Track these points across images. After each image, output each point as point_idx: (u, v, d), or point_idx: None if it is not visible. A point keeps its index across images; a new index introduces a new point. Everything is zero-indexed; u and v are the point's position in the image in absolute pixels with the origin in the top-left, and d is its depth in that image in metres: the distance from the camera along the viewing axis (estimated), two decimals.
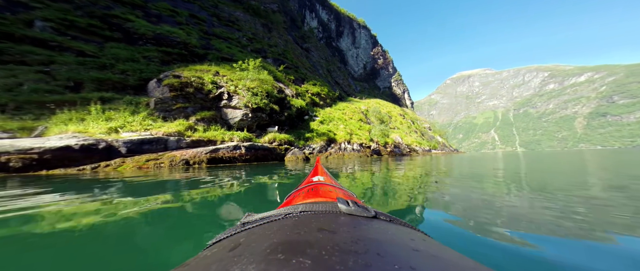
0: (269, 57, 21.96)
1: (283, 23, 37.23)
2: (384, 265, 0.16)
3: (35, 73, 6.55)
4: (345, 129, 16.52)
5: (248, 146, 7.64)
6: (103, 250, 0.99)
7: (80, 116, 5.61)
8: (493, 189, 2.23)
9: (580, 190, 2.08)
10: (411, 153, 21.55)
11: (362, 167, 5.40)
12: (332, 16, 62.57)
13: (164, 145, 5.83)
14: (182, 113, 7.95)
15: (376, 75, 73.49)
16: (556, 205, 1.56)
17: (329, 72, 43.73)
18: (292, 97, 15.61)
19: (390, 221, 0.29)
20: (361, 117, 21.99)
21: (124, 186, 2.69)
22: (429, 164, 6.03)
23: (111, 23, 10.77)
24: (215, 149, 6.33)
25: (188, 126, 7.28)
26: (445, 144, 43.89)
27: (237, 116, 9.61)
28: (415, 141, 26.24)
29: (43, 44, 7.62)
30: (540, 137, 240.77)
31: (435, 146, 32.39)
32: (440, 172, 3.92)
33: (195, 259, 0.22)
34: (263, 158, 8.22)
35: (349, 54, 66.44)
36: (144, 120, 6.42)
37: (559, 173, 3.46)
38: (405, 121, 36.16)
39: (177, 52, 12.08)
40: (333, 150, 13.26)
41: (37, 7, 8.62)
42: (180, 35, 13.30)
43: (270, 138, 10.10)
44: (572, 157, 9.53)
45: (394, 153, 18.42)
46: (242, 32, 23.61)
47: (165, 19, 14.73)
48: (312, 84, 22.69)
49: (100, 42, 9.58)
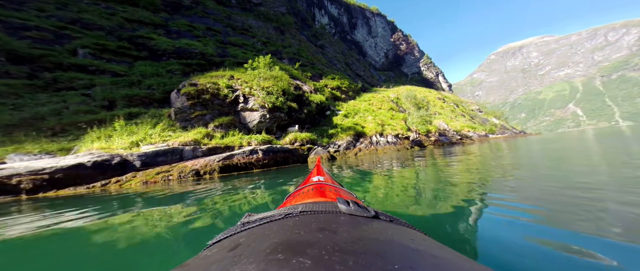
0: (284, 58, 21.93)
1: (294, 24, 37.58)
2: (384, 265, 0.16)
3: (80, 96, 7.35)
4: (375, 121, 14.70)
5: (266, 150, 6.97)
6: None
7: (108, 132, 5.85)
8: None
9: None
10: (463, 140, 17.95)
11: (406, 163, 4.28)
12: (342, 10, 60.71)
13: (179, 156, 5.56)
14: (200, 121, 7.90)
15: (401, 62, 67.69)
16: None
17: (348, 66, 41.93)
18: (311, 93, 14.78)
19: (391, 221, 0.29)
20: (392, 106, 19.60)
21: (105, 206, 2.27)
22: (509, 154, 4.19)
23: (137, 43, 12.04)
24: (229, 156, 5.80)
25: (205, 133, 7.07)
26: (505, 126, 36.19)
27: (255, 119, 9.21)
28: (466, 126, 22.04)
29: (84, 70, 8.70)
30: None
31: (492, 130, 26.75)
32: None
33: (195, 259, 0.22)
34: (283, 161, 7.44)
35: (366, 44, 63.10)
36: (163, 131, 6.41)
37: None
38: (447, 104, 31.27)
39: (196, 62, 12.73)
40: (363, 145, 11.71)
41: (78, 37, 10.05)
42: (197, 47, 14.13)
43: (291, 139, 9.36)
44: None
45: (439, 141, 15.54)
46: (257, 38, 24.41)
47: (184, 34, 16.03)
48: (331, 78, 21.54)
49: (130, 62, 10.67)
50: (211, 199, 2.19)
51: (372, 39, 65.11)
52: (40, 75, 7.65)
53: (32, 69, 7.74)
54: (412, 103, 18.84)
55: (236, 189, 2.66)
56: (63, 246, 1.26)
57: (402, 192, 1.97)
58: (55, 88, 7.41)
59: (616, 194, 1.33)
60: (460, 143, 16.25)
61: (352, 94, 21.92)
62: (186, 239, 1.11)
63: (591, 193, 1.38)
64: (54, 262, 1.03)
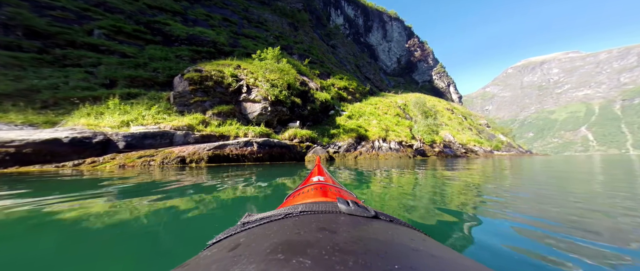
0: (294, 53, 21.42)
1: (309, 21, 36.92)
2: (384, 265, 0.16)
3: (83, 73, 7.14)
4: (379, 125, 13.99)
5: (262, 143, 6.52)
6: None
7: (101, 110, 5.57)
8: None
9: None
10: (468, 153, 16.92)
11: (409, 172, 3.97)
12: (359, 11, 59.27)
13: (169, 140, 5.19)
14: (199, 107, 7.56)
15: (413, 68, 65.66)
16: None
17: (358, 68, 40.93)
18: (317, 91, 14.22)
19: (391, 221, 0.29)
20: (398, 112, 18.75)
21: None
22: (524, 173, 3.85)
23: (153, 28, 11.86)
24: (222, 146, 5.38)
25: (201, 120, 6.71)
26: (511, 144, 34.30)
27: (256, 110, 8.79)
28: (472, 140, 20.85)
29: (95, 49, 8.54)
30: None
31: (498, 147, 25.31)
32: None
33: (195, 259, 0.22)
34: (279, 156, 6.98)
35: (380, 48, 61.48)
36: (158, 114, 6.09)
37: None
38: (455, 116, 29.90)
39: (206, 50, 12.44)
40: (364, 149, 11.10)
41: (98, 18, 9.93)
42: (210, 35, 13.84)
43: (290, 134, 8.89)
44: None
45: (443, 153, 14.65)
46: (270, 31, 24.00)
47: (200, 23, 15.79)
48: (339, 78, 20.85)
49: (141, 45, 10.47)
50: (179, 196, 1.81)
51: (387, 43, 63.40)
52: (51, 51, 7.53)
53: (44, 45, 7.63)
54: (420, 110, 17.90)
55: (219, 186, 2.24)
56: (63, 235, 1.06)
57: (402, 197, 1.92)
58: (62, 64, 7.25)
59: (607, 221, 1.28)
60: (465, 156, 15.28)
61: (359, 96, 21.17)
62: (186, 239, 1.03)
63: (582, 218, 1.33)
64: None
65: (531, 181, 2.79)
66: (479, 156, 16.04)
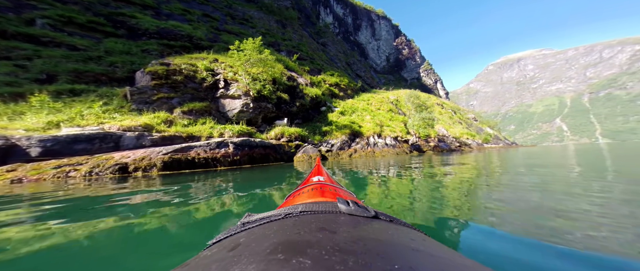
0: (283, 50, 20.29)
1: (297, 19, 35.86)
2: (384, 265, 0.16)
3: (10, 67, 5.71)
4: (373, 121, 13.26)
5: (240, 143, 5.46)
6: None
7: (21, 109, 4.26)
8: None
9: None
10: (461, 147, 16.67)
11: (410, 170, 3.46)
12: (348, 10, 59.12)
13: (114, 143, 4.02)
14: (165, 104, 6.35)
15: (401, 66, 66.47)
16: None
17: (349, 65, 40.46)
18: (307, 86, 13.27)
19: (391, 221, 0.29)
20: (391, 107, 18.19)
21: None
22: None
23: (116, 20, 10.35)
24: (185, 149, 4.28)
25: (165, 119, 5.54)
26: (498, 136, 35.20)
27: (235, 107, 7.69)
28: (465, 133, 20.78)
29: (34, 40, 7.03)
30: (636, 124, 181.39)
31: (487, 140, 25.61)
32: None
33: (195, 259, 0.21)
34: (262, 158, 5.95)
35: (369, 46, 61.69)
36: (105, 112, 4.83)
37: None
38: (445, 111, 30.09)
39: (180, 44, 11.07)
40: (359, 146, 10.28)
41: (43, 8, 8.36)
42: (185, 29, 12.46)
43: (277, 133, 7.86)
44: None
45: (439, 148, 14.20)
46: (256, 28, 22.65)
47: (176, 17, 14.30)
48: (330, 75, 20.01)
49: (98, 38, 8.98)
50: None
51: (375, 42, 63.74)
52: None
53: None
54: (414, 104, 17.43)
55: (148, 208, 1.49)
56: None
57: (405, 198, 1.76)
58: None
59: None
60: (459, 150, 14.93)
61: (351, 92, 20.46)
62: (186, 239, 0.99)
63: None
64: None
65: (543, 177, 2.47)
66: (473, 150, 15.79)
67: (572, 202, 1.40)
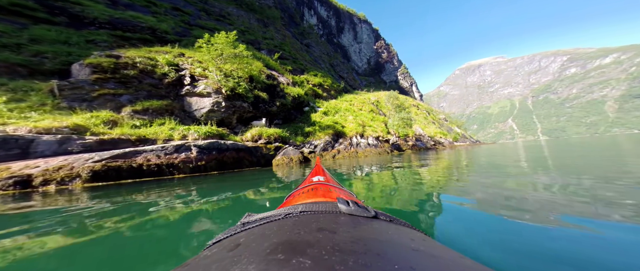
0: (263, 49, 19.27)
1: (280, 19, 34.81)
2: (384, 265, 0.16)
3: None
4: (356, 121, 13.20)
5: (206, 146, 4.68)
6: None
7: None
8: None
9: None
10: (436, 145, 17.67)
11: (396, 171, 3.41)
12: (332, 12, 59.82)
13: (21, 150, 2.99)
14: (110, 102, 5.20)
15: (381, 69, 69.44)
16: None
17: (332, 67, 40.65)
18: (288, 86, 12.65)
19: (391, 221, 0.28)
20: (372, 108, 18.51)
21: None
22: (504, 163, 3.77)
23: (54, 6, 8.48)
24: (128, 154, 3.41)
25: (106, 119, 4.48)
26: (464, 135, 38.74)
27: (204, 106, 6.76)
28: (438, 132, 22.17)
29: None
30: (565, 123, 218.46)
31: (456, 138, 27.91)
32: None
33: (196, 259, 0.21)
34: (235, 163, 5.22)
35: (352, 49, 63.18)
36: (13, 110, 3.66)
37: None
38: (420, 111, 31.94)
39: (139, 37, 9.53)
40: (342, 146, 10.02)
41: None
42: (147, 21, 10.86)
43: (254, 134, 7.13)
44: (620, 145, 6.96)
45: (416, 146, 14.77)
46: (234, 25, 21.06)
47: (137, 8, 12.43)
48: (313, 75, 19.64)
49: (25, 23, 7.20)
50: None
51: (357, 45, 65.50)
52: None
53: None
54: (393, 104, 17.95)
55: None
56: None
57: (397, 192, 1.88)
58: None
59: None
60: (434, 148, 15.76)
61: (334, 93, 20.35)
62: (186, 239, 0.99)
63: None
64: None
65: (508, 170, 2.84)
66: (446, 148, 16.84)
67: (522, 187, 1.78)
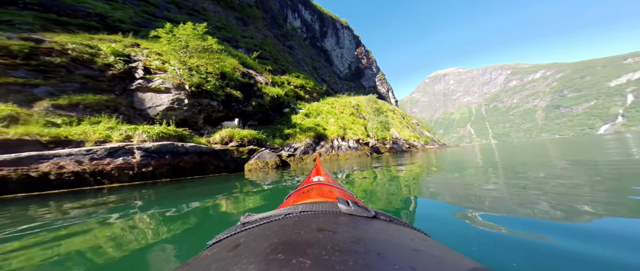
0: (241, 47, 18.03)
1: (262, 19, 33.53)
2: (384, 265, 0.16)
3: None
4: (337, 123, 13.06)
5: (155, 149, 3.80)
6: None
7: None
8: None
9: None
10: (411, 148, 18.69)
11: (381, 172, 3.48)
12: (316, 16, 60.41)
13: None
14: (15, 94, 3.91)
15: (361, 74, 72.33)
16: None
17: (315, 70, 40.66)
18: (267, 85, 11.90)
19: (390, 221, 0.28)
20: (353, 111, 18.77)
21: None
22: (468, 163, 4.13)
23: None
24: (23, 160, 2.45)
25: (5, 114, 3.29)
26: (433, 139, 42.44)
27: (161, 103, 5.70)
28: (412, 136, 23.61)
29: None
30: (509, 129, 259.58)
31: (426, 141, 30.23)
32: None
33: (196, 259, 0.21)
34: (196, 168, 4.40)
35: (334, 54, 64.54)
36: None
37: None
38: (396, 116, 33.90)
39: (81, 23, 7.73)
40: (323, 149, 9.68)
41: None
42: (97, 7, 9.01)
43: (224, 136, 6.28)
44: (549, 146, 8.57)
45: (393, 149, 15.33)
46: (209, 21, 19.19)
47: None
48: (295, 76, 19.12)
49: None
50: None
51: (340, 50, 67.11)
52: None
53: None
54: (373, 108, 18.46)
55: None
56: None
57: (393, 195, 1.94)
58: None
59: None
60: (409, 151, 16.58)
61: (317, 95, 20.10)
62: (186, 239, 1.00)
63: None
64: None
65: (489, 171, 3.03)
66: (419, 150, 17.88)
67: (480, 183, 2.02)
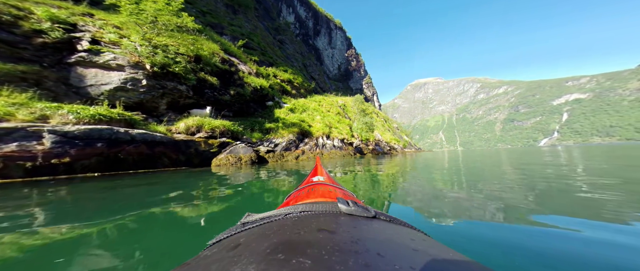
0: (226, 34, 16.45)
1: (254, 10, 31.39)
2: (384, 265, 0.15)
3: None
4: (323, 121, 12.65)
5: (80, 135, 2.92)
6: None
7: None
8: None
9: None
10: (391, 151, 19.23)
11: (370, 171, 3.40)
12: (310, 14, 58.88)
13: None
14: None
15: (349, 76, 73.01)
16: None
17: (305, 67, 39.68)
18: (250, 75, 10.93)
19: (390, 221, 0.28)
20: (339, 111, 18.57)
21: None
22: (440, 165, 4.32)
23: None
24: None
25: None
26: (411, 143, 44.91)
27: (109, 81, 4.60)
28: (393, 139, 24.41)
29: None
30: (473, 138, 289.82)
31: (405, 145, 31.73)
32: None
33: (196, 259, 0.21)
34: (142, 161, 3.57)
35: (325, 53, 63.92)
36: None
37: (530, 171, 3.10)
38: (379, 119, 34.92)
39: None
40: (307, 147, 9.18)
41: None
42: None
43: (190, 125, 5.38)
44: (501, 154, 9.46)
45: (376, 150, 15.51)
46: (194, 5, 17.02)
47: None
48: (283, 70, 18.17)
49: None
50: None
51: (331, 50, 66.63)
52: None
53: None
54: (359, 108, 18.45)
55: None
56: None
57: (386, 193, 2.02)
58: None
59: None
60: (390, 153, 17.00)
61: (304, 92, 19.44)
62: (186, 239, 0.98)
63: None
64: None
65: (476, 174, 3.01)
66: (398, 153, 18.45)
67: (446, 187, 2.05)
